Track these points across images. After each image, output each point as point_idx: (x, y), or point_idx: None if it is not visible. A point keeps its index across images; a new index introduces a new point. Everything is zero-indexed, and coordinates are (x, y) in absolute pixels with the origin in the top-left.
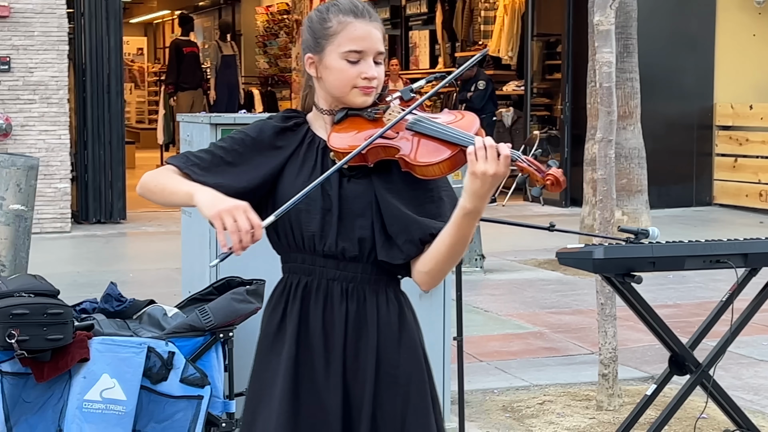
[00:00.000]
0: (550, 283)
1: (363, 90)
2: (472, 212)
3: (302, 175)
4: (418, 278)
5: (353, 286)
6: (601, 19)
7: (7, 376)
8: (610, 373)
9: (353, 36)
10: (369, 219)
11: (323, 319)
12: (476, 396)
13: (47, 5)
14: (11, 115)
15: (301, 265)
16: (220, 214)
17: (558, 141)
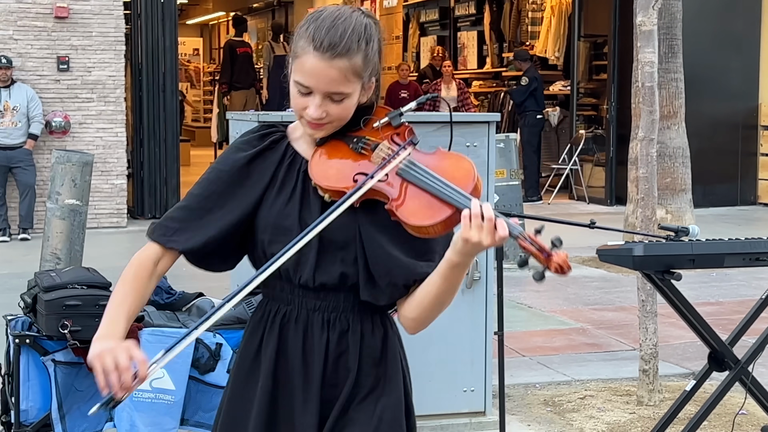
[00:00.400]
0: (593, 280)
1: (309, 123)
2: (460, 265)
3: (280, 199)
4: (404, 323)
5: (335, 316)
6: (644, 19)
7: (60, 365)
8: (651, 368)
9: (303, 69)
10: (352, 253)
11: (303, 350)
12: (518, 390)
13: (105, 7)
14: (70, 113)
15: (279, 293)
16: (101, 355)
17: (603, 140)
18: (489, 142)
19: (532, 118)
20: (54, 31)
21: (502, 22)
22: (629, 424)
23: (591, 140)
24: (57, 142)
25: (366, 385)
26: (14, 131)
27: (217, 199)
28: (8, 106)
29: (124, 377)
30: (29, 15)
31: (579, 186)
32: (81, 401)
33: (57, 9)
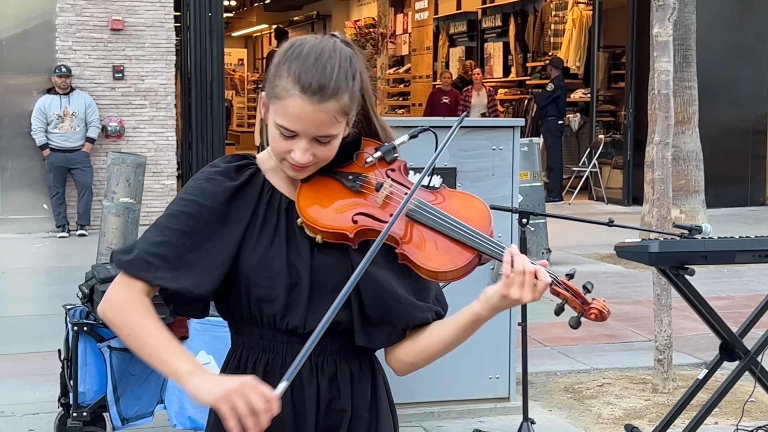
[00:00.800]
0: (611, 276)
1: (292, 167)
2: (486, 319)
3: (263, 240)
4: (397, 365)
5: (323, 359)
6: (660, 30)
7: (115, 351)
8: (665, 358)
9: (288, 112)
10: None
11: (292, 401)
12: (540, 378)
13: (157, 20)
14: (124, 118)
15: (259, 341)
16: (228, 397)
17: (621, 144)
18: (514, 146)
19: (554, 124)
20: (110, 42)
21: (526, 33)
22: (645, 410)
23: (609, 144)
24: (112, 145)
25: (361, 430)
26: (73, 135)
27: (199, 237)
28: (68, 111)
29: (262, 420)
30: (87, 27)
31: (598, 187)
32: (134, 384)
33: (113, 22)
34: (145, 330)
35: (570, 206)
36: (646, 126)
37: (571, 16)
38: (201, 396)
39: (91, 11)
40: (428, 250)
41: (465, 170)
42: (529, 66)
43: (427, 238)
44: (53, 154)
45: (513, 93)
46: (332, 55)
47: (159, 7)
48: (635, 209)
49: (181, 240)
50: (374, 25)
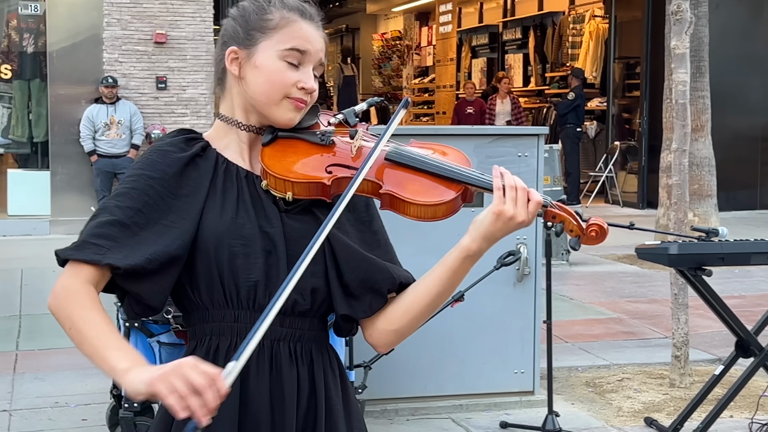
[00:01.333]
0: (628, 276)
1: (295, 103)
2: (476, 255)
3: (228, 209)
4: (380, 338)
5: (300, 346)
6: (677, 43)
7: (165, 346)
8: (682, 355)
9: (299, 35)
10: (321, 264)
11: (270, 390)
12: (562, 372)
13: (198, 33)
14: (167, 126)
15: (231, 324)
16: (164, 378)
17: (636, 151)
18: (538, 153)
19: (572, 131)
20: (153, 54)
21: (545, 45)
22: (663, 404)
23: (625, 150)
24: None
25: (339, 428)
26: (119, 142)
27: (152, 212)
28: (114, 120)
29: (207, 397)
30: (132, 41)
31: (614, 191)
32: None
33: (156, 35)
34: (86, 323)
35: (587, 209)
36: (659, 133)
37: (588, 29)
38: (135, 387)
39: (136, 26)
40: (414, 188)
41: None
42: (547, 76)
43: (409, 179)
44: (100, 159)
45: (532, 102)
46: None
47: (200, 21)
48: (650, 212)
49: (133, 218)
50: (400, 37)
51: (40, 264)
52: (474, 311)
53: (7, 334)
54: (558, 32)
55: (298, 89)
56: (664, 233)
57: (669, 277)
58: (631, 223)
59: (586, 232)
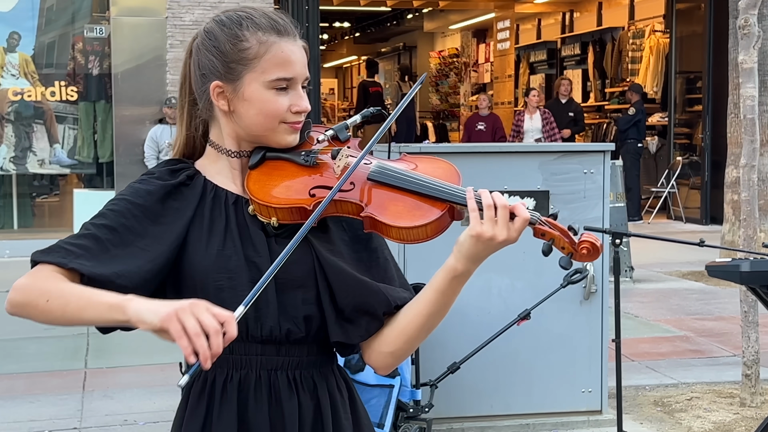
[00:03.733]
0: (693, 293)
1: (292, 126)
2: (463, 275)
3: (215, 239)
4: (377, 360)
5: (299, 373)
6: (745, 58)
7: None
8: (753, 373)
9: (281, 60)
10: (313, 290)
11: (270, 420)
12: (630, 391)
13: None
14: None
15: (227, 356)
16: (176, 316)
17: (698, 166)
18: (604, 169)
19: (633, 146)
20: None
21: (604, 60)
22: (734, 423)
23: (687, 166)
24: None
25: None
26: None
27: (128, 233)
28: None
29: (214, 342)
30: None
31: (676, 207)
32: None
33: None
34: (65, 290)
35: (649, 225)
36: (723, 148)
37: (648, 44)
38: (145, 317)
39: None
40: (396, 209)
41: (557, 193)
42: (607, 91)
43: (392, 198)
44: None
45: (592, 117)
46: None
47: None
48: (713, 228)
49: (107, 235)
50: (457, 54)
51: None
52: (540, 329)
53: (75, 352)
54: (617, 47)
55: (292, 113)
56: (734, 250)
57: (736, 294)
58: (702, 240)
59: (577, 249)
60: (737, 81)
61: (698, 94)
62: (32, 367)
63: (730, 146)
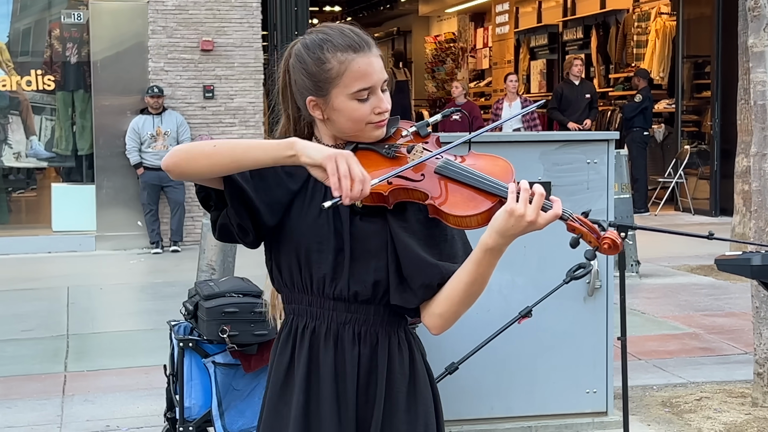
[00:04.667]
0: (702, 288)
1: (377, 125)
2: (494, 249)
3: (310, 215)
4: (430, 321)
5: (365, 329)
6: (755, 41)
7: (220, 366)
8: (765, 372)
9: (359, 74)
10: (384, 260)
11: (334, 365)
12: (636, 392)
13: (246, 40)
14: (214, 136)
15: (307, 307)
16: (335, 157)
17: (707, 155)
18: (609, 159)
19: (639, 135)
20: (200, 62)
21: (608, 45)
22: (746, 424)
23: (695, 155)
24: None
25: (399, 402)
26: (166, 153)
27: (258, 180)
28: (160, 131)
29: (356, 187)
30: (178, 48)
31: (684, 198)
32: (238, 399)
33: (203, 43)
34: (229, 140)
35: (656, 217)
36: (733, 136)
37: (654, 27)
38: (310, 152)
39: (182, 33)
40: (455, 200)
41: (560, 184)
42: (611, 77)
43: (455, 190)
44: (147, 172)
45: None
46: (333, 28)
47: (247, 27)
48: (723, 220)
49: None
50: (454, 39)
51: (87, 281)
52: (543, 328)
53: (54, 354)
54: (622, 31)
55: (375, 114)
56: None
57: (748, 289)
58: (710, 232)
59: (600, 244)
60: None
61: (707, 80)
62: (9, 371)
63: (741, 134)
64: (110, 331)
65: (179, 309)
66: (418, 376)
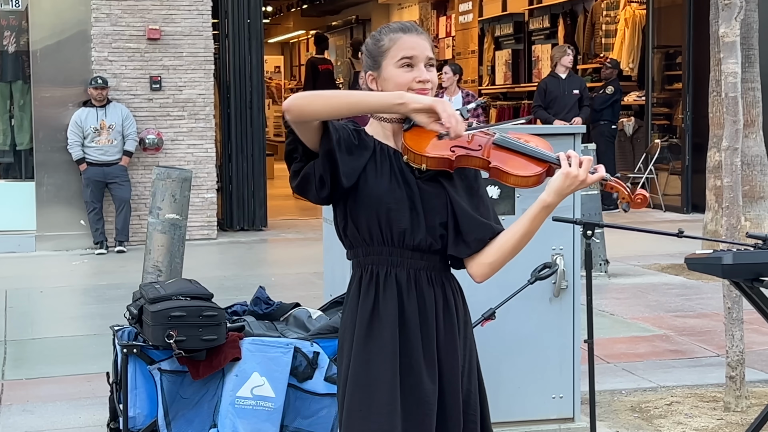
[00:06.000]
0: (673, 287)
1: (418, 92)
2: (550, 206)
3: (383, 179)
4: (478, 269)
5: (435, 275)
6: (726, 30)
7: (166, 373)
8: (738, 375)
9: (404, 46)
10: (445, 217)
11: (418, 305)
12: (605, 396)
13: (195, 28)
14: (162, 130)
15: (388, 257)
16: (441, 102)
17: (679, 149)
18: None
19: (607, 128)
20: (147, 52)
21: (576, 34)
22: (718, 429)
23: (666, 149)
24: (150, 158)
25: (467, 331)
26: (110, 148)
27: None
28: (104, 124)
29: (460, 126)
30: (123, 37)
31: (655, 194)
32: (186, 408)
33: (149, 31)
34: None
35: (626, 214)
36: (705, 129)
37: (623, 16)
38: (419, 98)
39: (127, 21)
40: (513, 164)
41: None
42: (579, 68)
43: (509, 158)
44: (90, 168)
45: None
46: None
47: (196, 15)
48: (695, 217)
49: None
50: None
51: (26, 284)
52: (506, 330)
53: None
54: (590, 20)
55: (416, 83)
56: (715, 241)
57: (720, 289)
58: (680, 230)
59: (633, 199)
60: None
61: (678, 71)
62: None
63: (713, 127)
64: (51, 336)
65: (123, 313)
66: (467, 311)
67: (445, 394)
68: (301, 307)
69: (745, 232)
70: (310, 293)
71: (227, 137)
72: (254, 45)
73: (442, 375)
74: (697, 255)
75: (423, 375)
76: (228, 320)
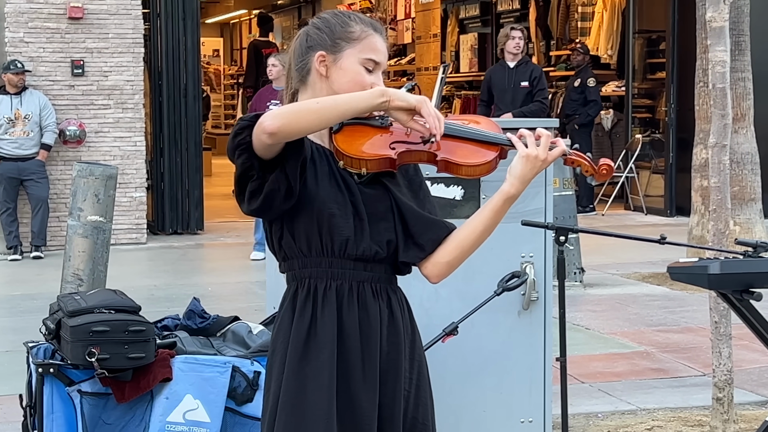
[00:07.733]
0: (655, 299)
1: None
2: (514, 196)
3: (323, 182)
4: (434, 269)
5: (380, 287)
6: (714, 15)
7: (87, 396)
8: (725, 396)
9: (374, 47)
10: (391, 222)
11: (359, 323)
12: (579, 420)
13: (122, 6)
14: (85, 121)
15: (327, 269)
16: (425, 101)
17: (662, 145)
18: None
19: (582, 120)
20: (68, 33)
21: (549, 17)
22: None
23: (648, 145)
24: (71, 152)
25: (414, 351)
26: (26, 141)
27: None
28: (19, 114)
29: (442, 126)
30: (41, 16)
31: (636, 195)
32: None
33: (71, 9)
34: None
35: (604, 217)
36: (691, 123)
37: None
38: (403, 96)
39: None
40: (462, 152)
41: (490, 179)
42: (552, 55)
43: (457, 146)
44: (3, 163)
45: None
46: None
47: None
48: (680, 221)
49: None
50: (371, 9)
51: None
52: (470, 347)
53: None
54: (565, 2)
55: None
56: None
57: (706, 301)
58: (662, 236)
59: (598, 170)
60: (706, 43)
61: (661, 59)
62: None
63: (699, 121)
64: None
65: (39, 328)
66: (414, 327)
67: (384, 421)
68: (240, 321)
69: (734, 238)
70: (251, 305)
71: (159, 129)
72: (189, 26)
73: (382, 399)
74: (682, 263)
75: (361, 400)
76: (158, 336)
